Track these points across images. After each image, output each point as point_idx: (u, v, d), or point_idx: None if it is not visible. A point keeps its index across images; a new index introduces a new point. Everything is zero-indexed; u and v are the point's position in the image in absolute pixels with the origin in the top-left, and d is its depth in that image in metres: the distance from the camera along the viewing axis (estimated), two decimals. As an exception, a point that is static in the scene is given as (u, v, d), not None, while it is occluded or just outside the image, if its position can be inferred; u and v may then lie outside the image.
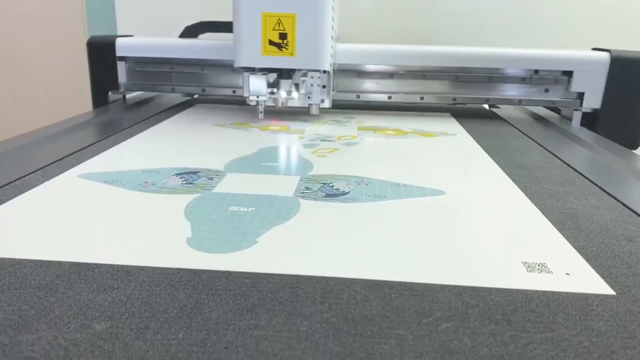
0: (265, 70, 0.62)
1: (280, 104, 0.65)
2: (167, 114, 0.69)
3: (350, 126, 0.65)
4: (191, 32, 0.79)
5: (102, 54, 0.74)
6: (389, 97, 0.74)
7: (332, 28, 0.62)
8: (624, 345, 0.21)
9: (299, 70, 0.63)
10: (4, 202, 0.36)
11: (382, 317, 0.23)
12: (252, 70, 0.62)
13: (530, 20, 1.03)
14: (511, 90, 0.73)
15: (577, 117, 0.72)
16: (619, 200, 0.39)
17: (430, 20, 1.04)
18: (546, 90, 0.72)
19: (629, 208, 0.38)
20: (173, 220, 0.33)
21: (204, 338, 0.21)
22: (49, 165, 0.44)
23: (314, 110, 0.65)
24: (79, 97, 0.93)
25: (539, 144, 0.58)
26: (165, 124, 0.63)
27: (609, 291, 0.26)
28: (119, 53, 0.74)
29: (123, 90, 0.76)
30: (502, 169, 0.47)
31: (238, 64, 0.61)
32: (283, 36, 0.59)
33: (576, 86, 0.70)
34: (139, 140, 0.54)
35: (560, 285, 0.26)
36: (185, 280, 0.26)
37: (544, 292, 0.25)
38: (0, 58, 1.12)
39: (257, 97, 0.63)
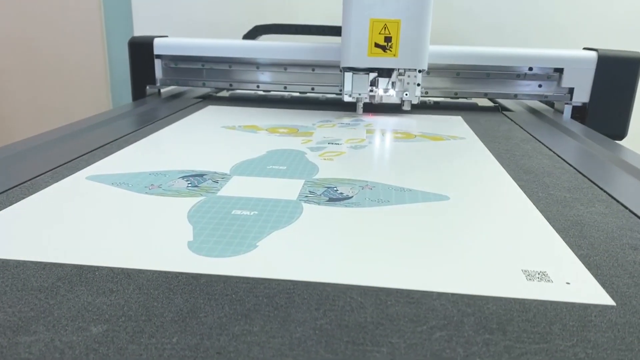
0: (366, 70, 0.71)
1: (376, 101, 0.73)
2: (180, 115, 0.70)
3: (358, 129, 0.65)
4: (252, 34, 0.89)
5: (141, 52, 0.83)
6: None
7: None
8: (621, 358, 0.21)
9: (397, 69, 0.70)
10: (13, 203, 0.36)
11: (376, 325, 0.23)
12: (353, 70, 0.71)
13: (525, 21, 1.11)
14: (507, 86, 0.80)
15: (567, 110, 0.79)
16: (627, 208, 0.38)
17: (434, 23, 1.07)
18: (539, 86, 0.79)
19: (637, 216, 0.37)
20: (175, 224, 0.33)
21: (197, 343, 0.21)
22: (59, 166, 0.45)
23: (407, 106, 0.73)
24: (96, 95, 0.95)
25: (546, 146, 0.57)
26: (175, 125, 0.64)
27: (609, 301, 0.25)
28: (156, 52, 0.83)
29: (159, 85, 0.85)
30: (510, 174, 0.46)
31: (345, 64, 0.70)
32: (388, 39, 0.68)
33: (567, 82, 0.77)
34: (148, 142, 0.55)
35: (560, 294, 0.26)
36: (184, 284, 0.26)
37: (542, 302, 0.25)
38: (19, 57, 1.14)
39: (359, 94, 0.71)
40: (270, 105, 0.82)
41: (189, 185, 0.41)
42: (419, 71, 0.70)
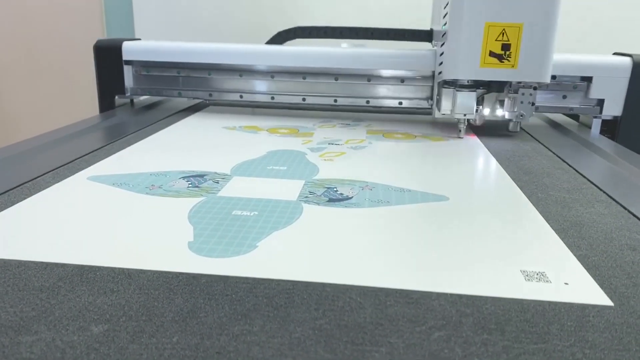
0: (473, 85, 0.60)
1: (479, 122, 0.63)
2: (179, 117, 0.70)
3: (359, 130, 0.65)
4: (277, 40, 0.78)
5: (108, 57, 0.73)
6: (400, 103, 0.72)
7: None
8: (618, 358, 0.21)
9: (509, 85, 0.60)
10: (15, 203, 0.37)
11: (375, 325, 0.23)
12: (457, 84, 0.60)
13: None
14: None
15: (596, 124, 0.69)
16: (626, 208, 0.39)
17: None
18: (564, 97, 0.69)
19: (636, 216, 0.37)
20: (176, 224, 0.34)
21: (197, 343, 0.21)
22: (60, 167, 0.45)
23: (513, 127, 0.63)
24: (96, 98, 0.95)
25: (553, 152, 0.56)
26: (175, 126, 0.64)
27: (607, 302, 0.25)
28: (125, 57, 0.73)
29: (129, 95, 0.76)
30: (510, 175, 0.46)
31: (453, 75, 0.59)
32: (506, 47, 0.57)
33: (596, 92, 0.67)
34: (149, 143, 0.55)
35: (558, 295, 0.26)
36: (184, 284, 0.26)
37: (541, 302, 0.25)
38: (21, 57, 1.14)
39: (464, 115, 0.61)
40: (267, 110, 0.81)
41: (190, 185, 0.41)
42: (534, 88, 0.59)
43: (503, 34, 0.56)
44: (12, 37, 1.12)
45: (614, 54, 0.69)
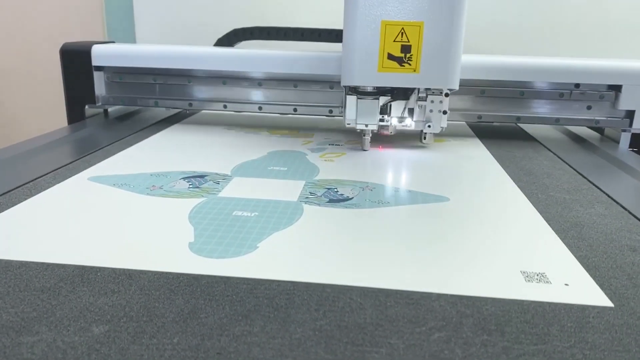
0: (376, 92, 0.53)
1: (389, 132, 0.56)
2: (179, 117, 0.70)
3: (359, 130, 0.65)
4: (229, 39, 0.71)
5: (76, 63, 0.65)
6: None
7: None
8: (618, 359, 0.21)
9: (417, 92, 0.54)
10: (16, 204, 0.37)
11: (375, 326, 0.23)
12: (358, 91, 0.53)
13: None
14: (546, 107, 0.63)
15: (625, 139, 0.61)
16: (626, 209, 0.39)
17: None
18: (588, 108, 0.62)
19: (636, 217, 0.37)
20: (176, 225, 0.34)
21: (197, 343, 0.21)
22: (61, 167, 0.46)
23: (429, 140, 0.56)
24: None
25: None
26: (177, 126, 0.64)
27: (607, 303, 0.26)
28: (95, 62, 0.65)
29: (101, 104, 0.67)
30: (510, 176, 0.46)
31: (348, 82, 0.52)
32: (406, 49, 0.50)
33: (625, 103, 0.60)
34: (150, 143, 0.55)
35: (558, 296, 0.26)
36: (185, 285, 0.26)
37: (541, 303, 0.25)
38: (22, 58, 1.14)
39: (365, 125, 0.54)
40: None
41: (190, 186, 0.41)
42: (446, 95, 0.53)
43: (402, 34, 0.50)
44: (12, 39, 1.13)
45: None
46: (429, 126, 0.54)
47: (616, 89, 0.60)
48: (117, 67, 0.66)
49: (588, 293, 0.26)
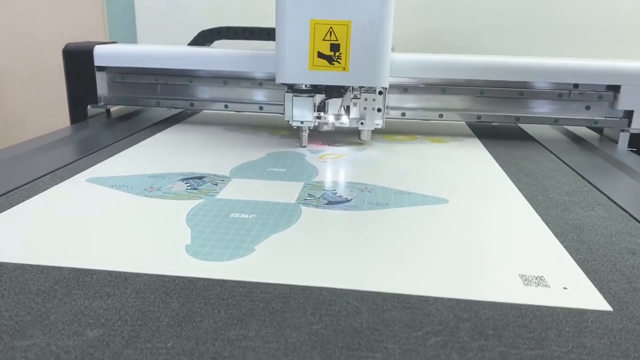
0: (312, 90, 0.55)
1: (327, 129, 0.58)
2: (180, 118, 0.70)
3: (359, 131, 0.65)
4: (206, 38, 0.72)
5: (79, 63, 0.66)
6: (403, 114, 0.64)
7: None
8: (616, 364, 0.21)
9: (351, 90, 0.55)
10: (13, 205, 0.37)
11: (371, 330, 0.23)
12: (294, 88, 0.55)
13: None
14: (546, 108, 0.63)
15: (623, 139, 0.62)
16: (626, 212, 0.38)
17: (447, 21, 1.02)
18: (587, 108, 0.62)
19: (636, 219, 0.37)
20: (174, 227, 0.34)
21: (192, 348, 0.21)
22: (59, 169, 0.45)
23: (365, 137, 0.57)
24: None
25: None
26: (177, 127, 0.64)
27: (606, 307, 0.25)
28: (97, 62, 0.66)
29: (103, 104, 0.68)
30: (510, 177, 0.46)
31: (281, 80, 0.53)
32: (335, 47, 0.51)
33: (624, 103, 0.60)
34: (149, 144, 0.55)
35: (557, 299, 0.26)
36: (180, 288, 0.26)
37: (539, 307, 0.25)
38: (23, 58, 1.14)
39: (302, 122, 0.55)
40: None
41: (188, 187, 0.41)
42: (379, 92, 0.54)
43: (331, 32, 0.51)
44: (13, 40, 1.13)
45: None
46: (362, 123, 0.56)
47: (615, 89, 0.61)
48: (119, 67, 0.67)
49: (587, 297, 0.26)
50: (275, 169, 0.47)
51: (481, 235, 0.34)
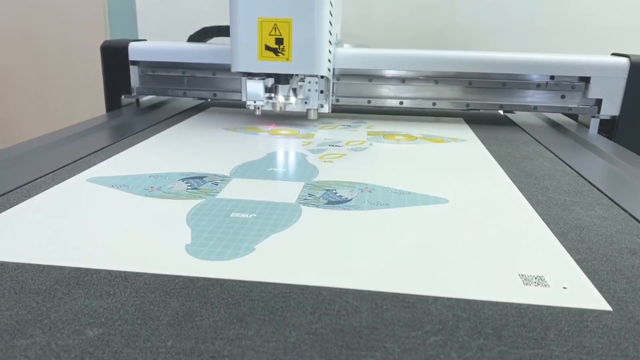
0: (263, 75, 0.64)
1: (278, 109, 0.66)
2: (181, 117, 0.70)
3: (359, 131, 0.65)
4: (200, 36, 0.79)
5: (115, 58, 0.75)
6: (401, 103, 0.73)
7: (331, 33, 0.63)
8: (615, 364, 0.21)
9: (297, 75, 0.64)
10: (14, 205, 0.37)
11: (371, 329, 0.23)
12: (250, 74, 0.63)
13: (546, 24, 1.00)
14: (526, 97, 0.72)
15: (594, 124, 0.70)
16: (627, 211, 0.38)
17: (439, 23, 1.04)
18: (562, 97, 0.71)
19: (637, 219, 0.37)
20: (174, 226, 0.34)
21: (192, 347, 0.21)
22: (60, 168, 0.45)
23: (312, 115, 0.66)
24: (100, 97, 0.95)
25: (551, 151, 0.57)
26: (177, 127, 0.64)
27: (606, 307, 0.25)
28: (131, 57, 0.75)
29: (136, 94, 0.78)
30: (510, 177, 0.46)
31: (235, 68, 0.62)
32: (279, 41, 0.60)
33: (594, 92, 0.69)
34: (149, 144, 0.55)
35: (556, 299, 0.26)
36: (180, 287, 0.26)
37: (538, 307, 0.25)
38: (24, 58, 1.15)
39: (255, 101, 0.64)
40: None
41: (189, 187, 0.41)
42: (321, 77, 0.63)
43: (275, 28, 0.60)
44: (15, 39, 1.13)
45: (612, 54, 0.70)
46: (306, 103, 0.65)
47: (586, 80, 0.69)
48: (150, 61, 0.76)
49: (586, 297, 0.26)
50: (275, 169, 0.47)
51: (480, 234, 0.34)
